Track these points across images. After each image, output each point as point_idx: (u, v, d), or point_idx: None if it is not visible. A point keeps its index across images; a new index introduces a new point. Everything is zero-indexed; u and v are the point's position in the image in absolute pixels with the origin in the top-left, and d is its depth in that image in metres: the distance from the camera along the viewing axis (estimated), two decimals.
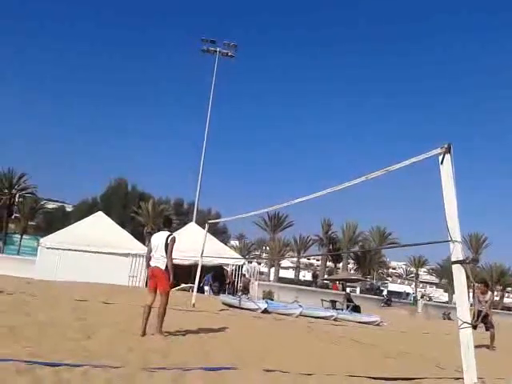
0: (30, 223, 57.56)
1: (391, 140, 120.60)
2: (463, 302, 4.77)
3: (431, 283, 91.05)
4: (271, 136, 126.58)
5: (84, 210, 47.17)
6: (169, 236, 7.40)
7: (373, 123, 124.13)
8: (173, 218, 9.55)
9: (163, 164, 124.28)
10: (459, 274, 4.75)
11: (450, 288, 55.36)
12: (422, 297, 53.59)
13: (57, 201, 72.28)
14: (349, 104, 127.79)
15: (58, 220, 53.95)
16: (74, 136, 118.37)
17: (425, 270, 79.99)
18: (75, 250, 21.51)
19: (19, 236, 44.34)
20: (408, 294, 65.21)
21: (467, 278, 4.77)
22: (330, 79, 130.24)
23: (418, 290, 70.62)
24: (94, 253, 21.52)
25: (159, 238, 7.44)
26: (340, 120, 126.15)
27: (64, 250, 21.57)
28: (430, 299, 55.51)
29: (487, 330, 11.52)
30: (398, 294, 57.18)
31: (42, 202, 60.33)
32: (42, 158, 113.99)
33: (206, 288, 21.43)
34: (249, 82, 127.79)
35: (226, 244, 36.47)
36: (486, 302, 11.43)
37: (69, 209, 66.20)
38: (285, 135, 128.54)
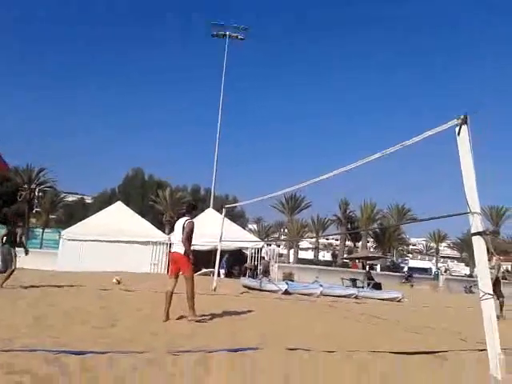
0: (51, 217, 58.37)
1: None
2: (484, 273, 4.72)
3: (452, 257, 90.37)
4: (283, 116, 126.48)
5: (103, 202, 47.74)
6: (186, 221, 7.48)
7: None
8: (196, 204, 9.48)
9: (179, 152, 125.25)
10: (479, 245, 4.70)
11: (471, 261, 54.95)
12: (445, 271, 53.36)
13: (76, 193, 73.29)
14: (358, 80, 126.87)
15: (78, 212, 54.75)
16: (90, 128, 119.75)
17: (445, 244, 79.39)
18: (96, 241, 21.82)
19: (41, 230, 45.01)
20: (428, 269, 64.82)
21: (487, 249, 4.72)
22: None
23: (440, 264, 70.23)
24: (115, 242, 21.81)
25: (178, 224, 7.59)
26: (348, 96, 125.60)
27: (85, 241, 21.90)
28: (449, 272, 55.23)
29: (497, 298, 11.37)
30: (421, 270, 56.83)
31: (62, 196, 60.99)
32: (59, 152, 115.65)
33: (222, 271, 21.56)
34: (259, 63, 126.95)
35: (244, 228, 36.62)
36: (493, 268, 11.27)
37: (88, 201, 67.03)
38: (296, 114, 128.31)
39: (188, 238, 7.38)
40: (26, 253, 11.17)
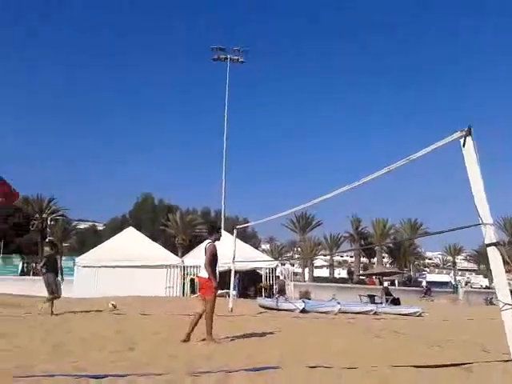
0: (64, 245, 58.66)
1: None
2: (502, 283, 4.67)
3: (470, 270, 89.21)
4: (293, 134, 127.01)
5: (115, 228, 47.91)
6: (207, 244, 7.47)
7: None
8: (215, 223, 9.37)
9: (187, 175, 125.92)
10: (494, 256, 4.66)
11: (489, 273, 54.16)
12: (466, 284, 52.60)
13: (88, 220, 73.81)
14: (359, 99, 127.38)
15: (90, 239, 54.95)
16: (99, 156, 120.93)
17: (462, 257, 78.46)
18: (110, 267, 21.85)
19: None
20: (447, 283, 64.02)
21: (503, 260, 4.68)
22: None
23: (458, 277, 69.24)
24: (129, 267, 21.82)
25: (202, 248, 7.53)
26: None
27: (99, 267, 21.95)
28: (470, 285, 54.46)
29: None
30: (440, 284, 55.98)
31: (74, 223, 61.43)
32: (70, 180, 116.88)
33: (234, 292, 21.37)
34: (261, 84, 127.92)
35: (256, 248, 36.46)
36: None
37: (100, 227, 67.37)
38: (306, 132, 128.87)
39: (209, 261, 7.28)
40: (62, 279, 11.45)
